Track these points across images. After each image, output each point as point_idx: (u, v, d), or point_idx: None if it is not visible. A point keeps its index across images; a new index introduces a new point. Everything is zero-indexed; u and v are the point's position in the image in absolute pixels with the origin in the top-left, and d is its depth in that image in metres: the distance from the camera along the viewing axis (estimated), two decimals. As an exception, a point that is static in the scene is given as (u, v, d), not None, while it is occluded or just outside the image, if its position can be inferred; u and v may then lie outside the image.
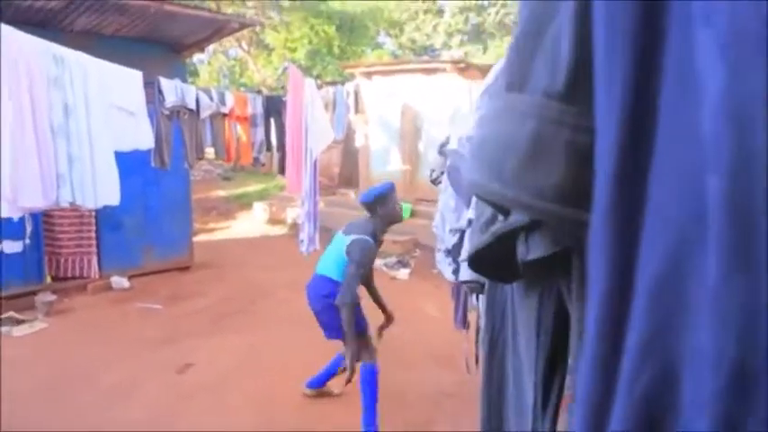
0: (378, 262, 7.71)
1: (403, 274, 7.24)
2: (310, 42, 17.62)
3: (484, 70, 9.27)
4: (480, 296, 2.97)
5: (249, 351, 4.57)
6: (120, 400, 3.89)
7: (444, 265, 2.65)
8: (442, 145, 2.91)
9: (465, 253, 2.20)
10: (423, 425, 3.64)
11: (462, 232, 2.19)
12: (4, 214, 3.36)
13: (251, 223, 10.87)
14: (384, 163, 9.82)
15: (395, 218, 3.52)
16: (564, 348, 0.87)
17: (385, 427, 3.54)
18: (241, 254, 8.48)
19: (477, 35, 21.97)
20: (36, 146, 3.37)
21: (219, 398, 3.94)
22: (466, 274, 2.08)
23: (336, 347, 3.71)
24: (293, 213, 10.45)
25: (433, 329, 5.38)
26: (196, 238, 8.21)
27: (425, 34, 21.42)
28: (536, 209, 0.58)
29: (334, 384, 3.92)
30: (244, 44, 18.71)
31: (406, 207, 9.10)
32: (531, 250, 0.68)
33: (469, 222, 2.13)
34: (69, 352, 4.74)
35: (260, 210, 11.14)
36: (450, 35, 21.45)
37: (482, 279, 2.23)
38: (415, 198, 9.34)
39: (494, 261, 0.81)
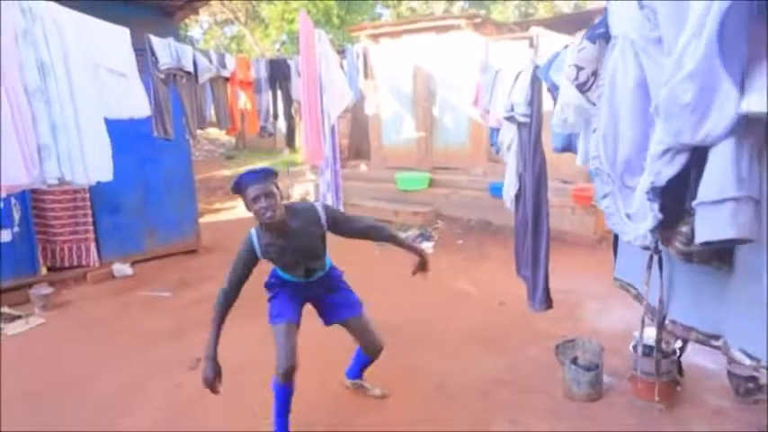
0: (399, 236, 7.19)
1: (426, 247, 6.71)
2: (308, 13, 16.85)
3: (501, 27, 8.62)
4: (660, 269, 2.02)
5: (265, 340, 4.05)
6: (125, 404, 3.41)
7: (620, 219, 1.79)
8: (597, 26, 2.00)
9: (722, 186, 1.32)
10: (476, 424, 3.10)
11: (695, 152, 1.38)
12: (-15, 197, 2.85)
13: (258, 202, 10.32)
14: (397, 131, 9.21)
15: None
16: None
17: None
18: (250, 234, 7.94)
19: (479, 0, 21.03)
20: (9, 109, 2.82)
21: (236, 396, 3.45)
22: (722, 227, 1.31)
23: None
24: (302, 189, 9.91)
25: (469, 308, 4.86)
26: (202, 220, 7.69)
27: (425, 2, 20.49)
28: None
29: (374, 383, 3.44)
30: (240, 17, 17.98)
31: (423, 177, 8.54)
32: None
33: (735, 126, 1.26)
34: (69, 350, 4.26)
35: (266, 187, 10.59)
36: (451, 1, 20.54)
37: (752, 236, 1.37)
38: (432, 167, 8.76)
39: None
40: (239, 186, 2.63)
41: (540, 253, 3.20)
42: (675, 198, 1.48)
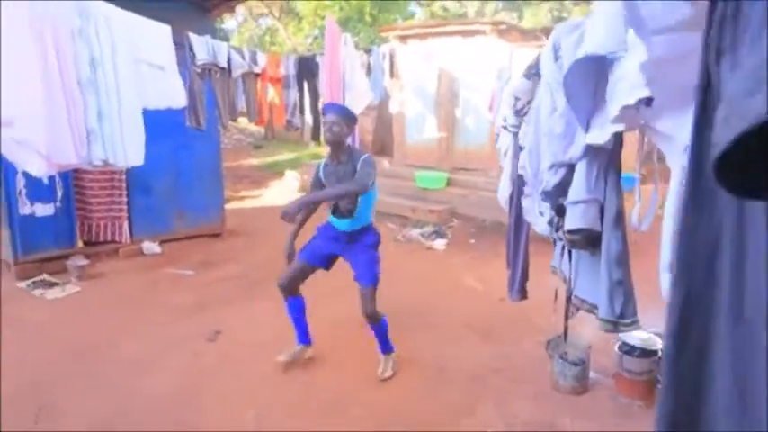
0: (414, 232, 7.48)
1: (439, 244, 6.99)
2: (341, 9, 17.20)
3: (525, 33, 8.80)
4: (571, 255, 2.64)
5: (280, 319, 4.39)
6: (147, 367, 3.77)
7: (534, 214, 2.37)
8: (531, 67, 2.53)
9: (578, 192, 1.94)
10: (467, 405, 3.38)
11: (570, 167, 1.91)
12: (39, 173, 3.21)
13: (283, 191, 10.70)
14: (419, 130, 9.49)
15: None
16: None
17: (424, 409, 3.33)
18: (273, 222, 8.26)
19: (512, 2, 21.16)
20: (65, 100, 3.19)
21: (250, 367, 3.78)
22: (576, 220, 1.82)
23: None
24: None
25: (472, 302, 5.13)
26: (227, 206, 8.06)
27: (458, 2, 20.68)
28: None
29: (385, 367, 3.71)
30: (275, 11, 18.41)
31: (442, 176, 8.80)
32: None
33: (585, 151, 1.83)
34: (99, 317, 4.65)
35: (292, 178, 10.97)
36: (484, 2, 20.68)
37: (596, 228, 2.02)
38: (452, 167, 9.01)
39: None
40: (324, 110, 3.53)
41: (519, 251, 3.49)
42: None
